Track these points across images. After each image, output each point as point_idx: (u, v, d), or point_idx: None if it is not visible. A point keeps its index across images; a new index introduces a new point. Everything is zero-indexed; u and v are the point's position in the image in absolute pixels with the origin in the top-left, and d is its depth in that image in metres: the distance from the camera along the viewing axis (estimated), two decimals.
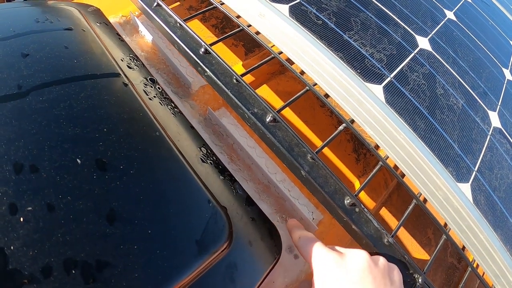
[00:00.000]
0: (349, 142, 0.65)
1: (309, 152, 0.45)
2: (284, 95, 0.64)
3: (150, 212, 0.37)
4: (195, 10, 0.74)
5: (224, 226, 0.40)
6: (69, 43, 0.50)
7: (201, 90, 0.62)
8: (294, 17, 0.53)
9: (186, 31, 0.54)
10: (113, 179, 0.37)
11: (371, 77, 0.51)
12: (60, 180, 0.35)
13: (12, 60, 0.44)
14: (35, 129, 0.37)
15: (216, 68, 0.50)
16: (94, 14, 0.62)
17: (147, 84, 0.50)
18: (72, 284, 0.30)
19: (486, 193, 0.53)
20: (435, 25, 0.73)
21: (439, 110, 0.55)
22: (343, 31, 0.55)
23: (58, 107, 0.40)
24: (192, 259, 0.37)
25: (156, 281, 0.33)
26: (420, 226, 0.64)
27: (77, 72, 0.46)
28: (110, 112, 0.42)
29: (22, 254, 0.30)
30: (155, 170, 0.40)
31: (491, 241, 0.49)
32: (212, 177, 0.44)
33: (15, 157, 0.34)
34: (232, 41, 0.71)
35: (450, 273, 0.63)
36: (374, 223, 0.45)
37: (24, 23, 0.51)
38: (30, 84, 0.42)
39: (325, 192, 0.44)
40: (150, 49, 0.66)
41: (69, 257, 0.31)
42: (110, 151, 0.39)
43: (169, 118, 0.47)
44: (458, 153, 0.52)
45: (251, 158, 0.54)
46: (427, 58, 0.62)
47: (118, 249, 0.33)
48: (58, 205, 0.33)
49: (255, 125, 0.46)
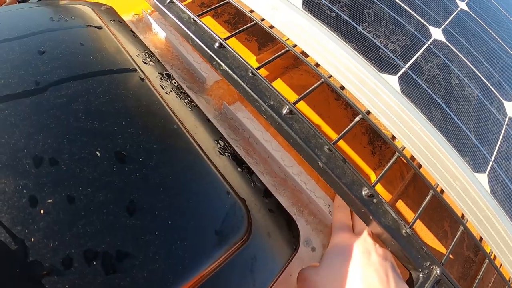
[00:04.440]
0: (364, 134, 0.65)
1: (326, 144, 0.45)
2: (298, 88, 0.64)
3: (169, 203, 0.37)
4: (207, 6, 0.75)
5: (243, 217, 0.40)
6: (85, 40, 0.51)
7: (215, 85, 0.62)
8: (307, 10, 0.53)
9: (200, 26, 0.54)
10: (133, 171, 0.37)
11: (386, 68, 0.51)
12: (80, 172, 0.35)
13: (30, 58, 0.44)
14: (55, 123, 0.38)
15: (231, 62, 0.50)
16: (107, 12, 0.62)
17: (163, 79, 0.51)
18: (94, 275, 0.30)
19: (503, 183, 0.52)
20: (447, 16, 0.72)
21: (455, 100, 0.55)
22: (357, 23, 0.55)
23: (77, 101, 0.41)
24: (212, 249, 0.37)
25: (177, 271, 0.34)
26: (436, 219, 0.63)
27: (94, 68, 0.46)
28: (128, 106, 0.43)
29: (42, 245, 0.30)
30: (173, 162, 0.40)
31: (509, 231, 0.49)
32: (230, 169, 0.44)
33: (36, 151, 0.35)
34: (245, 36, 0.72)
35: (466, 267, 0.62)
36: (392, 214, 0.45)
37: (39, 22, 0.52)
38: (49, 80, 0.42)
39: (342, 183, 0.44)
40: (163, 46, 0.67)
41: (90, 248, 0.31)
42: (129, 144, 0.39)
43: (185, 111, 0.48)
44: (474, 143, 0.52)
45: (267, 152, 0.55)
46: (441, 48, 0.62)
47: (140, 240, 0.33)
48: (78, 197, 0.33)
49: (272, 118, 0.46)
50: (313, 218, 0.54)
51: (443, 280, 0.44)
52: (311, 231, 0.53)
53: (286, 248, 0.44)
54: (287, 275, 0.50)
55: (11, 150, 0.34)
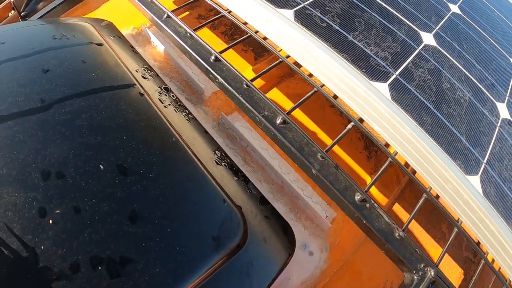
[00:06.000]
0: (359, 140, 0.66)
1: (319, 151, 0.47)
2: (294, 97, 0.66)
3: (168, 211, 0.39)
4: (204, 18, 0.77)
5: (239, 223, 0.42)
6: (86, 57, 0.53)
7: (213, 96, 0.64)
8: (299, 21, 0.55)
9: (196, 40, 0.56)
10: (134, 183, 0.40)
11: (376, 75, 0.52)
12: (85, 184, 0.37)
13: (35, 76, 0.47)
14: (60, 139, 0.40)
15: (227, 74, 0.52)
16: (107, 28, 0.64)
17: (162, 92, 0.53)
18: (99, 279, 0.33)
19: (496, 185, 0.53)
20: (439, 20, 0.73)
21: (446, 104, 0.56)
22: (348, 32, 0.57)
23: (80, 118, 0.43)
24: (209, 254, 0.39)
25: (176, 275, 0.36)
26: (433, 221, 0.64)
27: (96, 85, 0.48)
28: (129, 121, 0.45)
29: (52, 252, 0.33)
30: (172, 173, 0.42)
31: (503, 231, 0.50)
32: (227, 178, 0.46)
33: (43, 165, 0.37)
34: (242, 47, 0.74)
35: (466, 267, 0.63)
36: (385, 218, 0.46)
37: (42, 41, 0.54)
38: (54, 97, 0.45)
39: (335, 189, 0.46)
40: (162, 59, 0.69)
41: (96, 254, 0.34)
42: (130, 157, 0.41)
43: (184, 124, 0.50)
44: (466, 146, 0.53)
45: (264, 160, 0.56)
46: (432, 53, 0.63)
47: (142, 246, 0.36)
48: (84, 208, 0.36)
49: (266, 128, 0.48)
50: (310, 223, 0.56)
51: (437, 281, 0.45)
52: (308, 236, 0.55)
53: (282, 253, 0.45)
54: (285, 279, 0.51)
55: (20, 165, 0.37)
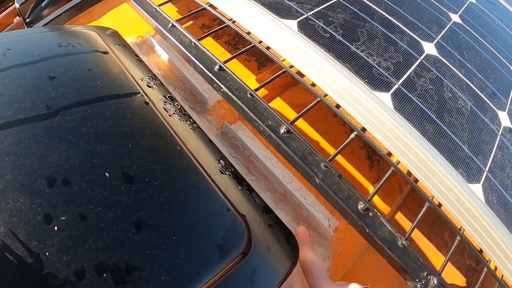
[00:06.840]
0: (362, 149, 0.67)
1: (322, 161, 0.47)
2: (297, 106, 0.67)
3: (173, 220, 0.39)
4: (208, 28, 0.78)
5: (243, 232, 0.42)
6: (92, 65, 0.54)
7: (217, 105, 0.65)
8: (302, 32, 0.56)
9: (200, 50, 0.57)
10: (139, 191, 0.40)
11: (379, 85, 0.53)
12: (91, 192, 0.38)
13: (42, 83, 0.47)
14: (66, 146, 0.41)
15: (231, 84, 0.52)
16: (112, 37, 0.65)
17: (166, 101, 0.54)
18: (104, 286, 0.33)
19: (499, 193, 0.54)
20: (440, 30, 0.74)
21: (448, 114, 0.56)
22: (350, 43, 0.58)
23: (86, 125, 0.44)
24: (214, 262, 0.39)
25: (181, 283, 0.36)
26: (436, 229, 0.65)
27: (102, 93, 0.49)
28: (134, 129, 0.46)
29: (57, 259, 0.33)
30: (177, 182, 0.43)
31: (505, 239, 0.50)
32: (231, 187, 0.47)
33: (49, 172, 0.38)
34: (245, 57, 0.74)
35: (468, 275, 0.63)
36: (388, 227, 0.46)
37: (48, 48, 0.55)
38: (60, 105, 0.45)
39: (339, 198, 0.46)
40: (166, 68, 0.70)
41: (101, 261, 0.34)
42: (135, 165, 0.42)
43: (188, 133, 0.50)
44: (468, 155, 0.54)
45: (268, 169, 0.57)
46: (433, 63, 0.64)
47: (147, 254, 0.36)
48: (89, 215, 0.36)
49: (270, 137, 0.48)
50: (313, 232, 0.56)
51: None
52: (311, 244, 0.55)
53: (285, 261, 0.45)
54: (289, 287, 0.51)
55: (26, 171, 0.37)
